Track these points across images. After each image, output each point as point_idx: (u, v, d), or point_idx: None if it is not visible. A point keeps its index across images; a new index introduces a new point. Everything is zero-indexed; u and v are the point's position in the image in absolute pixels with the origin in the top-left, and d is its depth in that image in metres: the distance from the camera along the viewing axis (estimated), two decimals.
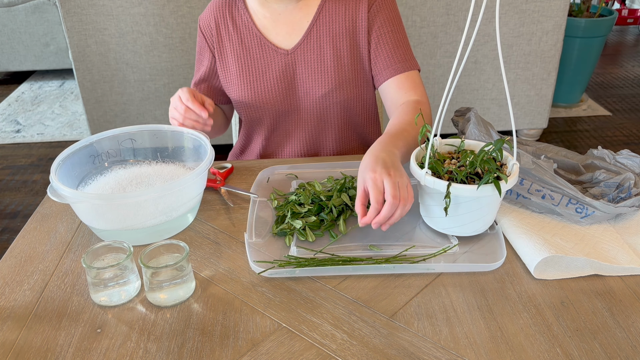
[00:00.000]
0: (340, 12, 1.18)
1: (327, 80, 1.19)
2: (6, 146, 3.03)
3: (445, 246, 0.90)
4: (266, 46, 1.20)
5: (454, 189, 0.84)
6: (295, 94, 1.22)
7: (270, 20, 1.20)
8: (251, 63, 1.21)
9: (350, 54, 1.19)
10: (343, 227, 0.94)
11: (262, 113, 1.24)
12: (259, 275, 0.85)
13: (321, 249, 0.90)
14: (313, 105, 1.23)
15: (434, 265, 0.86)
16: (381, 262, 0.86)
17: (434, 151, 0.93)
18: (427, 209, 0.93)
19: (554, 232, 0.91)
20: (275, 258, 0.88)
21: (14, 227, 2.32)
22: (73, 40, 2.32)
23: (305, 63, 1.19)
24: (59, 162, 0.96)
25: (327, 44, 1.18)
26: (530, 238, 0.87)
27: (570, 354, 0.71)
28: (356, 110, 1.26)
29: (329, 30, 1.18)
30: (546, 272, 0.84)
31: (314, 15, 1.18)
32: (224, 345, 0.73)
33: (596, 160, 1.04)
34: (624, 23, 4.79)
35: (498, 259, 0.87)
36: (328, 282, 0.84)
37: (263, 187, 1.08)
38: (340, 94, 1.21)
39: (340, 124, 1.27)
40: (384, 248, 0.90)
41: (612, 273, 0.84)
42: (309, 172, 1.14)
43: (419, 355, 0.71)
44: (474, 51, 2.49)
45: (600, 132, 2.99)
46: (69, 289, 0.84)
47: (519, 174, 0.91)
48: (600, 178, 1.00)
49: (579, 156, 1.07)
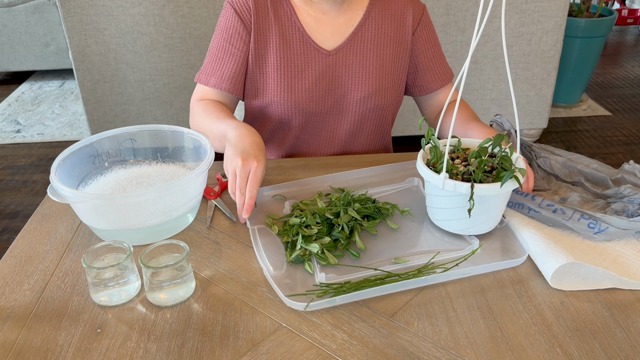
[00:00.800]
0: (387, 20, 1.20)
1: (367, 85, 1.20)
2: (6, 146, 3.03)
3: (465, 247, 0.89)
4: (308, 44, 1.17)
5: (477, 190, 0.84)
6: (333, 96, 1.21)
7: (314, 19, 1.18)
8: (291, 59, 1.17)
9: (392, 61, 1.21)
10: (361, 244, 0.90)
11: (295, 112, 1.21)
12: (259, 274, 0.85)
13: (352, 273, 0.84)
14: (349, 109, 1.23)
15: (469, 270, 0.84)
16: (417, 275, 0.82)
17: (440, 153, 0.92)
18: (440, 213, 0.92)
19: (572, 245, 0.87)
20: (304, 287, 0.82)
21: (14, 227, 2.32)
22: (73, 40, 2.32)
23: (347, 66, 1.19)
24: (59, 162, 0.96)
25: (371, 50, 1.20)
26: (548, 246, 0.85)
27: (570, 354, 0.71)
28: (387, 116, 1.28)
29: (374, 37, 1.20)
30: (562, 282, 0.82)
31: (360, 20, 1.19)
32: (224, 345, 0.73)
33: (626, 175, 1.00)
34: (624, 23, 4.79)
35: (516, 254, 0.88)
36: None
37: (254, 213, 0.99)
38: (378, 99, 1.22)
39: (372, 128, 1.28)
40: (409, 258, 0.87)
41: (631, 287, 0.81)
42: (296, 190, 1.07)
43: (419, 355, 0.71)
44: (475, 51, 2.49)
45: (600, 132, 2.98)
46: (69, 289, 0.84)
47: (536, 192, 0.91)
48: (624, 193, 0.96)
49: (610, 170, 1.03)
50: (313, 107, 1.21)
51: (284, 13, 1.17)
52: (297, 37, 1.17)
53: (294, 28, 1.17)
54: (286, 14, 1.17)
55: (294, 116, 1.22)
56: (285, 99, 1.19)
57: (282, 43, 1.17)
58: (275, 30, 1.17)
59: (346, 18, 1.19)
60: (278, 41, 1.17)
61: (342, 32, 1.19)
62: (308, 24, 1.18)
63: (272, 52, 1.17)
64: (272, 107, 1.21)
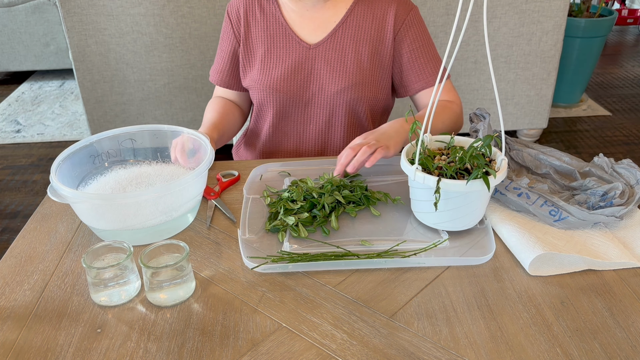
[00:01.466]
0: (368, 19, 1.24)
1: (344, 78, 1.24)
2: (6, 146, 3.03)
3: (435, 241, 0.91)
4: (290, 37, 1.25)
5: (443, 184, 0.85)
6: (310, 87, 1.26)
7: (298, 15, 1.25)
8: (273, 49, 1.26)
9: (370, 59, 1.25)
10: (335, 224, 0.95)
11: (273, 98, 1.27)
12: (259, 274, 0.86)
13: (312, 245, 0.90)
14: (326, 101, 1.27)
15: (424, 260, 0.87)
16: (373, 257, 0.87)
17: (424, 147, 0.94)
18: (417, 205, 0.94)
19: (544, 231, 0.91)
20: (269, 254, 0.89)
21: (14, 227, 2.32)
22: (73, 40, 2.32)
23: (325, 60, 1.24)
24: (59, 162, 0.96)
25: (350, 47, 1.24)
26: (523, 236, 0.88)
27: (570, 354, 0.71)
28: (363, 111, 1.29)
29: (353, 34, 1.24)
30: (541, 269, 0.85)
31: (343, 17, 1.24)
32: (224, 345, 0.73)
33: (594, 168, 1.03)
34: (624, 23, 4.79)
35: (488, 253, 0.88)
36: (328, 282, 0.84)
37: (256, 185, 1.09)
38: (353, 92, 1.25)
39: (349, 122, 1.29)
40: (376, 243, 0.91)
41: (604, 268, 0.85)
42: (302, 170, 1.15)
43: (419, 355, 0.71)
44: (474, 51, 2.49)
45: (600, 132, 2.98)
46: (69, 289, 0.84)
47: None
48: (588, 185, 1.00)
49: (580, 163, 1.06)
50: (290, 95, 1.27)
51: (269, 10, 1.27)
52: (280, 30, 1.26)
53: (278, 22, 1.26)
54: (271, 11, 1.27)
55: (273, 101, 1.28)
56: (262, 82, 1.27)
57: (267, 36, 1.27)
58: (262, 26, 1.27)
59: (329, 14, 1.25)
60: (263, 35, 1.27)
61: (324, 28, 1.25)
62: (292, 19, 1.26)
63: (259, 45, 1.28)
64: (253, 92, 1.30)
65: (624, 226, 0.93)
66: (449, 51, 0.84)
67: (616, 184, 0.96)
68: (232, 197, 1.07)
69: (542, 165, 1.07)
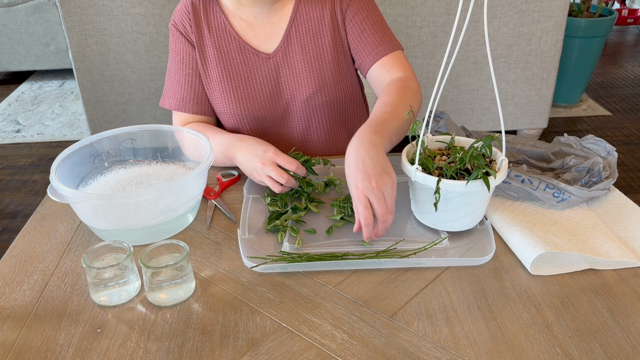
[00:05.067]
0: (317, 8, 1.16)
1: (311, 81, 1.18)
2: (6, 146, 3.03)
3: (435, 240, 0.91)
4: (246, 50, 1.17)
5: (443, 185, 0.85)
6: (281, 98, 1.20)
7: (247, 24, 1.17)
8: (232, 69, 1.17)
9: (333, 48, 1.17)
10: (314, 209, 0.98)
11: (247, 121, 1.20)
12: (259, 274, 0.86)
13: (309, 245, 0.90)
14: (300, 108, 1.21)
15: (423, 260, 0.87)
16: (372, 257, 0.87)
17: (424, 147, 0.94)
18: (417, 205, 0.94)
19: (546, 229, 0.92)
20: (269, 254, 0.89)
21: (14, 227, 2.32)
22: (73, 40, 2.32)
23: (289, 66, 1.17)
24: (59, 162, 0.96)
25: (309, 43, 1.17)
26: (524, 235, 0.88)
27: (570, 354, 0.71)
28: (344, 105, 1.25)
29: (308, 29, 1.16)
30: (542, 268, 0.85)
31: (290, 16, 1.16)
32: (224, 345, 0.73)
33: (564, 147, 1.07)
34: (624, 23, 4.79)
35: (487, 254, 0.88)
36: (328, 281, 0.84)
37: (256, 184, 1.08)
38: (326, 94, 1.19)
39: (328, 123, 1.25)
40: (375, 243, 0.91)
41: (605, 267, 0.85)
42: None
43: (419, 355, 0.71)
44: (474, 51, 2.49)
45: (600, 132, 2.98)
46: (69, 289, 0.84)
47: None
48: (570, 164, 1.04)
49: (546, 144, 1.10)
50: (264, 112, 1.20)
51: (217, 24, 1.17)
52: (234, 45, 1.17)
53: (229, 36, 1.17)
54: (220, 24, 1.17)
55: (245, 124, 1.21)
56: (234, 109, 1.18)
57: (220, 54, 1.17)
58: (211, 43, 1.17)
59: (277, 18, 1.17)
60: (215, 53, 1.17)
61: (276, 32, 1.17)
62: (242, 30, 1.17)
63: (212, 65, 1.18)
64: (225, 118, 1.22)
65: (624, 225, 0.93)
66: (449, 51, 0.84)
67: (596, 158, 1.01)
68: (232, 197, 1.07)
69: (514, 154, 1.09)
